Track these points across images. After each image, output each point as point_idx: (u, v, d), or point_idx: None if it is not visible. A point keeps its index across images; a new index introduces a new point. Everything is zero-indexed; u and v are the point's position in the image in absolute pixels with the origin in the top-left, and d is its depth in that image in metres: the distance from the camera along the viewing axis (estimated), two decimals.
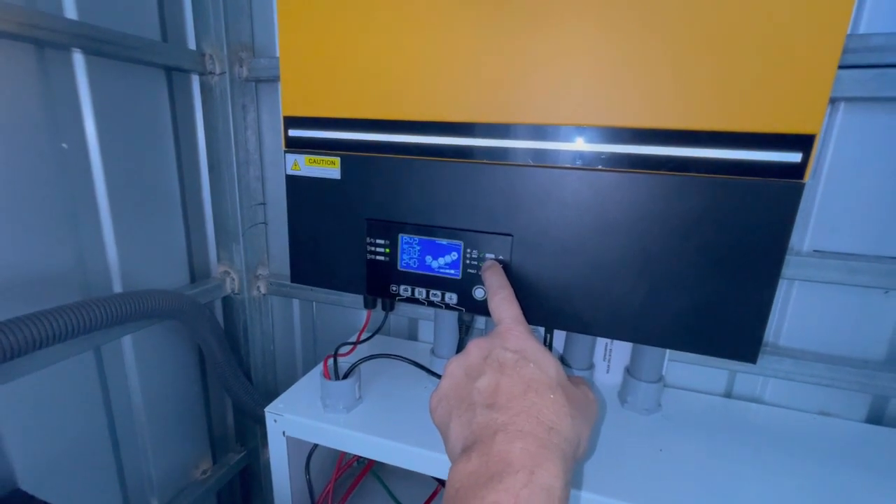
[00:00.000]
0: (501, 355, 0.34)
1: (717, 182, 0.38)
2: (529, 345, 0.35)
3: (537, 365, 0.33)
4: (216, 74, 0.70)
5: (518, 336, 0.35)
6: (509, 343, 0.35)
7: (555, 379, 0.33)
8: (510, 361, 0.34)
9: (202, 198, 0.78)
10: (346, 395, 0.56)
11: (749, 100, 0.36)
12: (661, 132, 0.39)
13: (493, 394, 0.32)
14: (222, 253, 0.79)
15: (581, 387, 0.36)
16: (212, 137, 0.74)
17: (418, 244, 0.48)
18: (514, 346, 0.35)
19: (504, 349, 0.35)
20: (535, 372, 0.33)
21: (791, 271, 0.56)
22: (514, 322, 0.36)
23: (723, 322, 0.41)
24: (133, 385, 0.68)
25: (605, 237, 0.42)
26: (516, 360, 0.34)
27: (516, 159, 0.43)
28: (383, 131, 0.47)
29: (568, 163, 0.42)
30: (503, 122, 0.43)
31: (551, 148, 0.42)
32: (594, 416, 0.35)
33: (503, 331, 0.36)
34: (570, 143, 0.41)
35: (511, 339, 0.35)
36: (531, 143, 0.42)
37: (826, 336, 0.59)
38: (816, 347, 0.60)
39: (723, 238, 0.39)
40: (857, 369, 0.57)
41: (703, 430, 0.55)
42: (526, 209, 0.44)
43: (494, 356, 0.34)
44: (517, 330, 0.36)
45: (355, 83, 0.47)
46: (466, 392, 0.34)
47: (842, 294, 0.57)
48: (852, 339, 0.58)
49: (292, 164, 0.52)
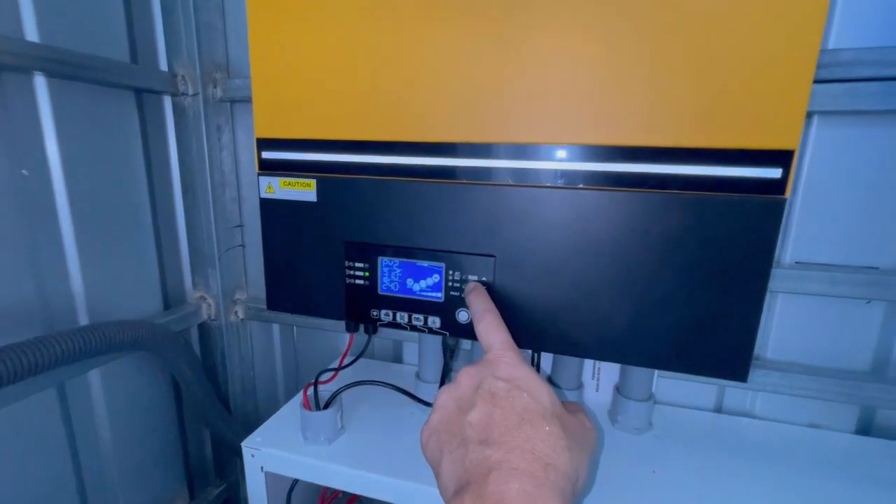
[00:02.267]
0: (493, 385, 0.33)
1: (698, 199, 0.38)
2: (521, 372, 0.33)
3: (531, 394, 0.32)
4: (189, 95, 0.69)
5: (509, 363, 0.34)
6: (500, 371, 0.33)
7: (549, 409, 0.32)
8: (502, 391, 0.32)
9: (176, 221, 0.75)
10: (328, 426, 0.54)
11: (727, 116, 0.36)
12: (642, 150, 0.38)
13: (485, 428, 0.31)
14: (198, 278, 0.77)
15: (578, 415, 0.34)
16: (185, 159, 0.72)
17: (399, 267, 0.47)
18: (505, 375, 0.33)
19: (495, 378, 0.33)
20: (528, 402, 0.31)
21: (774, 283, 0.55)
22: (504, 348, 0.35)
23: (710, 341, 0.40)
24: (101, 421, 0.64)
25: (588, 257, 0.41)
26: (508, 389, 0.32)
27: (497, 179, 0.42)
28: (360, 152, 0.45)
29: (549, 182, 0.41)
30: (482, 141, 0.42)
31: (532, 167, 0.41)
32: (592, 446, 0.34)
33: (493, 358, 0.35)
34: (550, 161, 0.40)
35: (502, 367, 0.34)
36: (511, 163, 0.41)
37: (811, 348, 0.59)
38: (803, 359, 0.59)
39: (706, 256, 0.38)
40: (844, 380, 0.56)
41: (696, 449, 0.54)
42: (508, 229, 0.43)
43: (486, 386, 0.33)
44: (507, 357, 0.34)
45: (330, 103, 0.45)
46: (458, 426, 0.32)
47: (825, 305, 0.57)
48: (837, 349, 0.58)
49: (266, 187, 0.50)
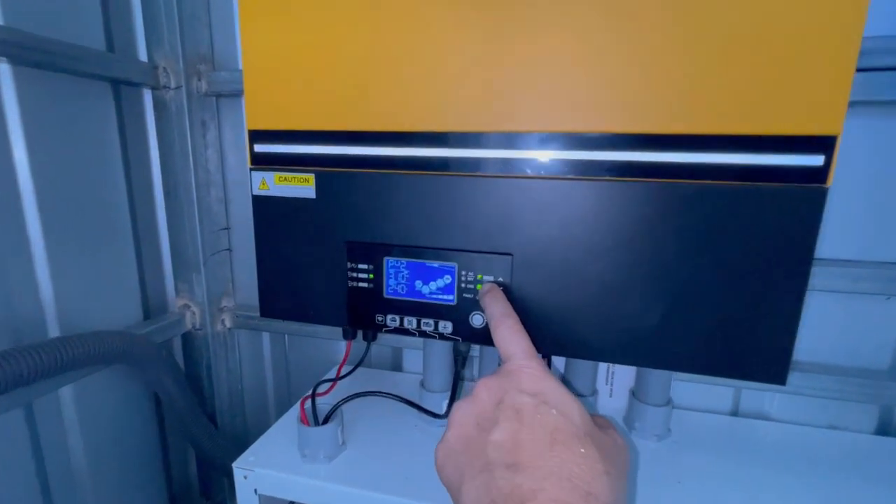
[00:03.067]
0: (517, 400, 0.29)
1: (734, 190, 0.35)
2: (548, 385, 0.30)
3: (560, 410, 0.28)
4: (171, 89, 0.64)
5: (533, 375, 0.30)
6: (524, 384, 0.30)
7: (581, 426, 0.28)
8: (528, 407, 0.29)
9: (157, 224, 0.70)
10: (328, 443, 0.49)
11: (766, 100, 0.33)
12: (675, 137, 0.35)
13: (513, 450, 0.27)
14: (181, 284, 0.71)
15: (608, 431, 0.31)
16: (167, 157, 0.67)
17: (406, 268, 0.43)
18: (530, 388, 0.30)
19: (519, 392, 0.30)
20: (558, 419, 0.28)
21: None
22: (527, 357, 0.31)
23: (746, 342, 0.37)
24: (74, 443, 0.59)
25: (615, 254, 0.38)
26: (535, 405, 0.29)
27: (514, 171, 0.39)
28: (363, 143, 0.42)
29: (572, 173, 0.38)
30: (497, 130, 0.39)
31: (553, 157, 0.38)
32: (627, 467, 0.30)
33: (515, 369, 0.31)
34: (574, 151, 0.37)
35: (526, 380, 0.30)
36: (530, 153, 0.38)
37: (830, 346, 0.57)
38: (822, 359, 0.57)
39: (742, 250, 0.36)
40: (863, 380, 0.55)
41: (718, 455, 0.52)
42: (527, 225, 0.40)
43: (509, 401, 0.29)
44: (531, 367, 0.31)
45: (329, 90, 0.42)
46: (479, 447, 0.29)
47: (843, 302, 0.55)
48: (856, 348, 0.56)
49: (259, 182, 0.46)
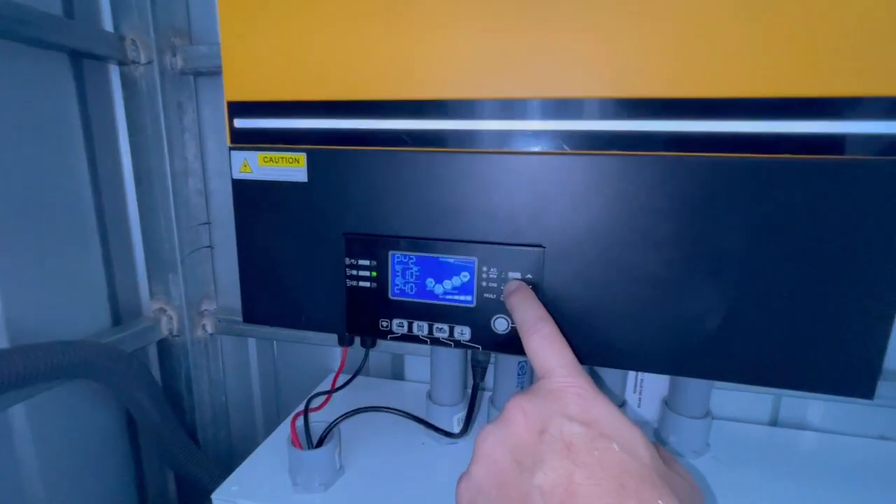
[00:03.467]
0: (566, 430, 0.23)
1: (820, 165, 0.29)
2: (603, 410, 0.24)
3: (623, 444, 0.22)
4: (141, 64, 0.56)
5: (582, 396, 0.24)
6: (572, 408, 0.24)
7: (651, 465, 0.22)
8: (582, 441, 0.22)
9: (128, 218, 0.62)
10: (324, 468, 0.43)
11: (854, 53, 0.27)
12: (744, 102, 0.29)
13: (567, 500, 0.21)
14: (156, 286, 0.64)
15: (677, 469, 0.24)
16: (138, 142, 0.59)
17: (416, 264, 0.36)
18: (581, 414, 0.23)
19: (568, 419, 0.23)
20: (623, 458, 0.22)
21: None
22: (572, 373, 0.25)
23: (828, 348, 0.31)
24: (28, 471, 0.51)
25: (671, 244, 0.32)
26: (591, 438, 0.22)
27: (547, 146, 0.32)
28: (365, 115, 0.35)
29: (618, 147, 0.31)
30: (526, 96, 0.32)
31: (594, 129, 0.31)
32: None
33: (558, 388, 0.25)
34: (619, 120, 0.31)
35: (574, 402, 0.24)
36: (566, 124, 0.32)
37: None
38: None
39: (828, 238, 0.30)
40: None
41: (762, 473, 0.46)
42: (562, 211, 0.33)
43: (555, 432, 0.23)
44: (579, 386, 0.24)
45: (322, 52, 0.35)
46: (520, 492, 0.22)
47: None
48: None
49: (241, 164, 0.39)
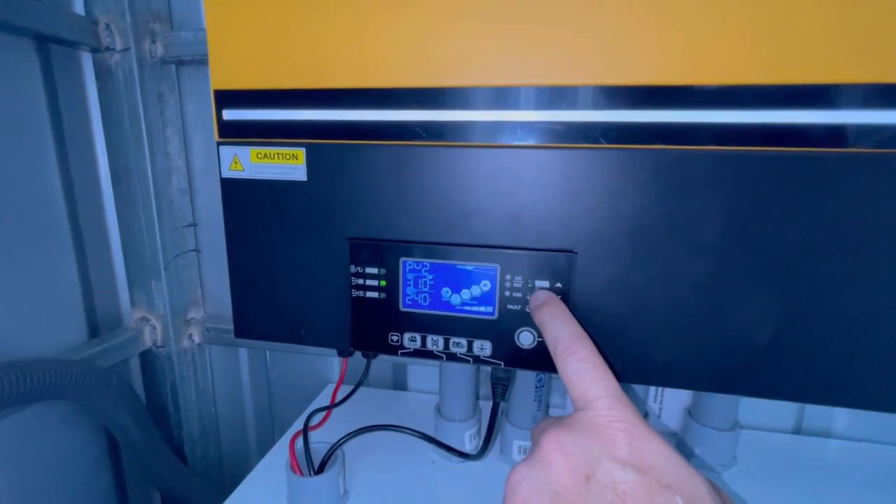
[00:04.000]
0: (617, 477, 0.20)
1: (875, 159, 0.26)
2: (659, 452, 0.20)
3: (688, 499, 0.19)
4: (116, 51, 0.51)
5: (633, 434, 0.21)
6: (622, 450, 0.20)
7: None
8: (638, 491, 0.19)
9: (105, 220, 0.57)
10: (326, 495, 0.39)
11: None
12: (804, 89, 0.26)
13: None
14: (137, 294, 0.59)
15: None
16: (115, 138, 0.54)
17: (430, 272, 0.33)
18: (633, 458, 0.20)
19: (620, 464, 0.20)
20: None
21: None
22: (618, 404, 0.22)
23: (878, 363, 0.28)
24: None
25: (717, 251, 0.29)
26: (649, 490, 0.19)
27: (580, 139, 0.29)
28: (372, 105, 0.31)
29: (659, 141, 0.28)
30: (558, 83, 0.28)
31: (634, 120, 0.28)
32: None
33: (603, 423, 0.21)
34: (662, 111, 0.28)
35: (623, 441, 0.21)
36: (601, 114, 0.28)
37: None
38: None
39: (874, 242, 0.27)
40: None
41: (793, 487, 0.44)
42: (596, 212, 0.30)
43: (605, 478, 0.20)
44: (628, 421, 0.21)
45: (322, 32, 0.31)
46: None
47: None
48: None
49: (231, 161, 0.35)
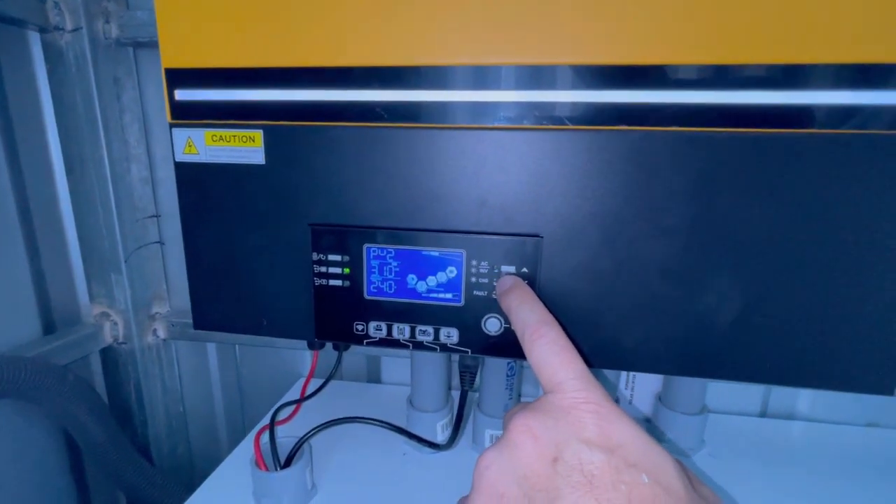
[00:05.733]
0: (585, 458, 0.19)
1: (846, 140, 0.26)
2: (627, 432, 0.20)
3: (654, 475, 0.19)
4: (67, 31, 0.49)
5: (601, 415, 0.20)
6: (590, 430, 0.20)
7: (686, 498, 0.19)
8: (605, 471, 0.19)
9: (59, 211, 0.55)
10: (293, 490, 0.38)
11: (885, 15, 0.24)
12: (764, 70, 0.26)
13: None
14: (96, 288, 0.56)
15: (703, 491, 0.21)
16: (67, 124, 0.52)
17: (395, 258, 0.32)
18: (601, 439, 0.20)
19: (586, 445, 0.20)
20: (655, 492, 0.18)
21: None
22: (586, 386, 0.21)
23: (846, 343, 0.29)
24: None
25: (684, 233, 0.28)
26: (616, 469, 0.19)
27: (544, 119, 0.28)
28: (332, 85, 0.30)
29: (625, 122, 0.28)
30: (523, 62, 0.28)
31: (599, 100, 0.28)
32: None
33: (571, 405, 0.21)
34: (627, 91, 0.27)
35: (591, 423, 0.20)
36: (567, 94, 0.28)
37: None
38: None
39: (852, 224, 0.27)
40: None
41: (759, 468, 0.45)
42: (562, 195, 0.29)
43: (572, 460, 0.19)
44: (595, 401, 0.21)
45: (279, 10, 0.29)
46: None
47: None
48: None
49: (185, 144, 0.33)
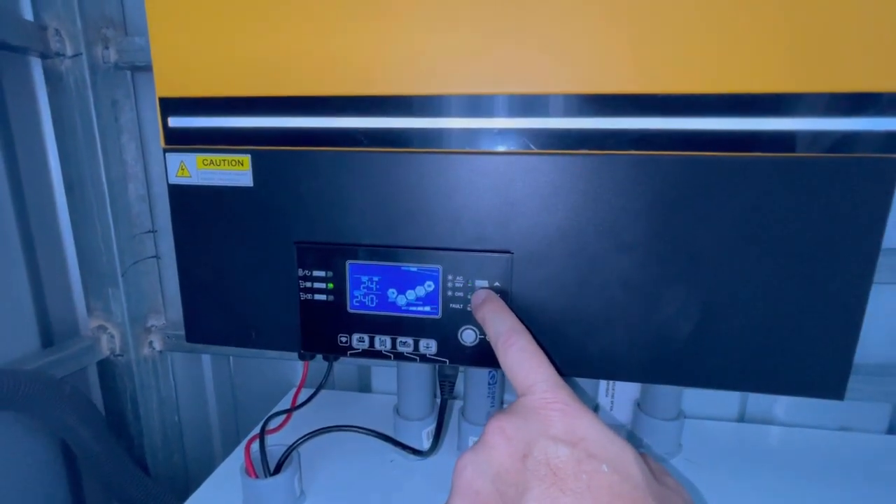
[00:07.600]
0: (551, 453, 0.21)
1: (789, 163, 0.28)
2: (589, 427, 0.22)
3: (613, 464, 0.21)
4: (67, 57, 0.51)
5: (566, 413, 0.22)
6: (556, 427, 0.22)
7: (644, 485, 0.20)
8: (569, 464, 0.21)
9: (59, 227, 0.57)
10: (282, 496, 0.39)
11: (834, 49, 0.27)
12: (716, 98, 0.28)
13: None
14: (94, 302, 0.58)
15: (666, 480, 0.23)
16: (68, 145, 0.54)
17: (377, 273, 0.34)
18: (566, 434, 0.22)
19: (552, 440, 0.21)
20: (613, 479, 0.20)
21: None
22: (553, 388, 0.23)
23: (800, 351, 0.31)
24: None
25: (643, 248, 0.30)
26: (578, 460, 0.21)
27: (513, 145, 0.30)
28: (315, 113, 0.32)
29: (586, 147, 0.30)
30: (490, 91, 0.30)
31: (562, 127, 0.30)
32: None
33: (539, 405, 0.23)
34: (587, 118, 0.29)
35: (558, 421, 0.22)
36: (532, 121, 0.30)
37: None
38: None
39: (797, 238, 0.29)
40: (875, 377, 0.51)
41: (735, 472, 0.46)
42: (530, 214, 0.31)
43: (539, 455, 0.21)
44: (561, 402, 0.23)
45: (266, 41, 0.32)
46: None
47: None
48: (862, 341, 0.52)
49: (178, 168, 0.35)
